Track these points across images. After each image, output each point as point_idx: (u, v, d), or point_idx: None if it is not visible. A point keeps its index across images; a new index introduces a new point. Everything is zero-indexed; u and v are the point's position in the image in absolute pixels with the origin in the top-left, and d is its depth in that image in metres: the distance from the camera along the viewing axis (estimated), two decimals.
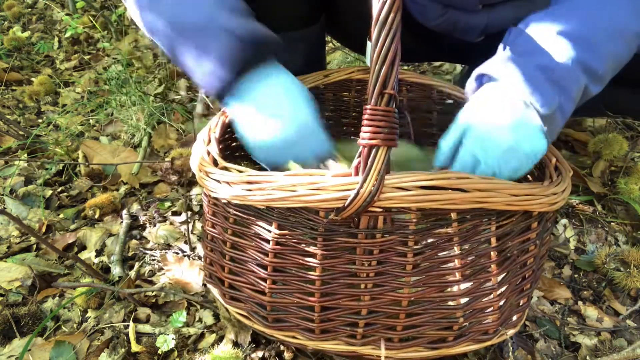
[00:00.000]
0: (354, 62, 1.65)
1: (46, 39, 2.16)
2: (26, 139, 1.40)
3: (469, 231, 0.62)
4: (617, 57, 0.69)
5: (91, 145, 1.37)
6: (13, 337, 0.90)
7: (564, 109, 0.66)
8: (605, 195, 1.14)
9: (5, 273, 1.01)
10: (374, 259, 0.62)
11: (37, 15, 2.39)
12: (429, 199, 0.57)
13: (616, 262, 0.94)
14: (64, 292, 0.98)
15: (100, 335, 0.89)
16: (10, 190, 1.27)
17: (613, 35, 0.67)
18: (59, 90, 1.76)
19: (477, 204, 0.59)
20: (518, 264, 0.68)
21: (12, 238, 1.13)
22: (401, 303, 0.64)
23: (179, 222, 1.12)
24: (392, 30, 0.51)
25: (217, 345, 0.82)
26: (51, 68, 1.96)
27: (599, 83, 0.69)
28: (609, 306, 0.92)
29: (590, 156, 1.22)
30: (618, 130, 1.30)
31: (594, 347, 0.83)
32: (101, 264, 1.03)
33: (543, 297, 0.92)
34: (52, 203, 1.23)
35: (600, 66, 0.66)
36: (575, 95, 0.66)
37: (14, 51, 2.01)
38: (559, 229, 1.07)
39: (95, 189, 1.27)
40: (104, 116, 1.52)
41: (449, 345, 0.67)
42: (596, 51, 0.66)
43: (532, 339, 0.84)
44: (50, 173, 1.32)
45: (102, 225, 1.14)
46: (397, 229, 0.61)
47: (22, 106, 1.70)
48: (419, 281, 0.64)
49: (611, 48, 0.67)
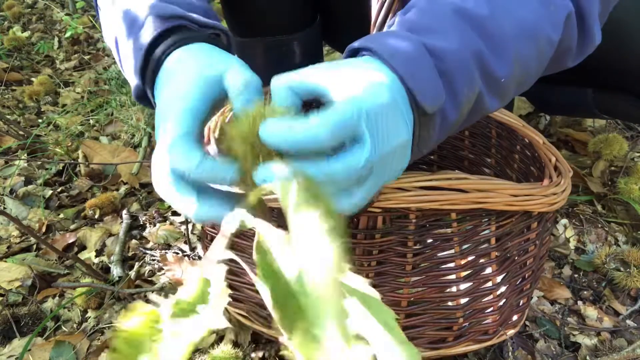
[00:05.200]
0: None
1: (46, 39, 2.15)
2: (26, 139, 1.40)
3: (468, 231, 0.62)
4: (524, 63, 0.50)
5: (91, 145, 1.37)
6: (13, 337, 0.90)
7: (447, 114, 0.46)
8: (605, 195, 1.14)
9: (5, 273, 1.01)
10: (373, 259, 0.62)
11: (37, 15, 2.39)
12: (429, 199, 0.57)
13: (616, 262, 0.94)
14: (64, 292, 0.98)
15: (100, 335, 0.89)
16: (10, 190, 1.27)
17: (522, 34, 0.49)
18: (59, 90, 1.76)
19: (477, 204, 0.59)
20: (518, 264, 0.68)
21: (12, 238, 1.13)
22: (401, 303, 0.64)
23: (179, 222, 1.12)
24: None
25: (217, 345, 0.82)
26: (51, 68, 1.96)
27: (496, 95, 0.50)
28: (609, 306, 0.92)
29: (590, 156, 1.22)
30: (618, 130, 1.30)
31: (594, 347, 0.83)
32: (101, 264, 1.03)
33: (543, 297, 0.92)
34: (52, 203, 1.23)
35: (501, 69, 0.48)
36: (464, 100, 0.47)
37: (14, 51, 2.01)
38: (559, 229, 1.07)
39: (95, 189, 1.27)
40: (104, 116, 1.52)
41: (449, 346, 0.67)
42: (498, 47, 0.48)
43: (532, 339, 0.84)
44: (50, 173, 1.32)
45: (102, 225, 1.14)
46: (396, 229, 0.61)
47: (22, 106, 1.70)
48: (418, 281, 0.64)
49: (518, 48, 0.49)
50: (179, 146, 0.41)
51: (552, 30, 0.51)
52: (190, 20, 0.52)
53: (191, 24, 0.52)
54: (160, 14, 0.52)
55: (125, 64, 0.55)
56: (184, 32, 0.51)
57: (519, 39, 0.49)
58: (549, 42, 0.52)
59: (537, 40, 0.51)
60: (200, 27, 0.53)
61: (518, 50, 0.49)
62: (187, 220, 1.07)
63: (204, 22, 0.53)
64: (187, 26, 0.52)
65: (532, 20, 0.50)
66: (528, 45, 0.50)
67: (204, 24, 0.53)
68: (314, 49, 1.09)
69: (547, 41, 0.51)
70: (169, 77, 0.48)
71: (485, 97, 0.49)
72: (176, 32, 0.51)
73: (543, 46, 0.51)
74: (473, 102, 0.49)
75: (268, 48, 1.01)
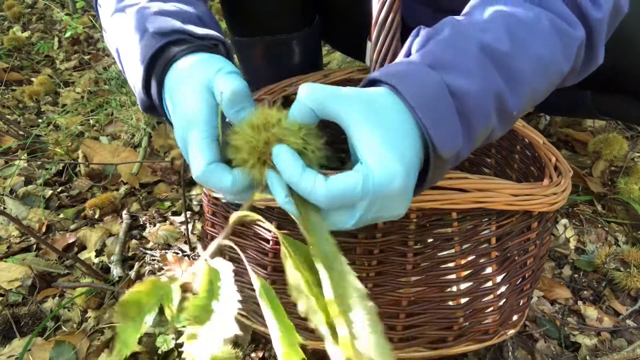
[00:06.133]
0: (353, 62, 1.65)
1: (46, 39, 2.16)
2: (26, 139, 1.40)
3: (468, 231, 0.62)
4: (534, 95, 0.51)
5: (91, 145, 1.37)
6: (13, 337, 0.90)
7: (461, 154, 0.46)
8: (605, 195, 1.14)
9: (5, 273, 1.01)
10: (374, 259, 0.62)
11: (37, 15, 2.39)
12: (429, 198, 0.57)
13: (616, 262, 0.94)
14: (64, 292, 0.98)
15: (100, 335, 0.88)
16: (10, 190, 1.27)
17: (539, 71, 0.49)
18: (59, 90, 1.76)
19: (477, 204, 0.59)
20: (518, 264, 0.68)
21: (12, 238, 1.13)
22: (401, 303, 0.64)
23: (179, 222, 1.12)
24: (392, 30, 0.51)
25: None
26: (51, 68, 1.96)
27: (506, 127, 0.51)
28: (609, 306, 0.92)
29: (590, 156, 1.22)
30: (618, 130, 1.30)
31: (594, 347, 0.83)
32: (101, 264, 1.03)
33: (543, 297, 0.92)
34: (52, 203, 1.23)
35: (515, 105, 0.48)
36: (478, 139, 0.47)
37: (14, 51, 2.01)
38: (559, 229, 1.07)
39: (95, 189, 1.27)
40: (104, 116, 1.52)
41: (449, 345, 0.67)
42: (516, 85, 0.47)
43: (532, 339, 0.84)
44: (50, 173, 1.32)
45: (102, 225, 1.14)
46: (396, 229, 0.61)
47: (22, 106, 1.70)
48: (419, 281, 0.64)
49: (533, 84, 0.49)
50: (211, 175, 0.46)
51: (564, 63, 0.51)
52: (187, 33, 0.54)
53: (188, 36, 0.54)
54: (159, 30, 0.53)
55: (128, 76, 0.57)
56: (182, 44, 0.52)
57: (534, 75, 0.49)
58: (559, 74, 0.52)
59: (550, 74, 0.51)
60: (197, 39, 0.54)
61: (532, 86, 0.49)
62: (187, 220, 1.07)
63: (200, 35, 0.54)
64: (186, 39, 0.53)
65: (549, 56, 0.50)
66: (541, 80, 0.50)
67: (200, 35, 0.54)
68: (313, 48, 1.09)
69: (559, 73, 0.52)
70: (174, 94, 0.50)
71: (496, 130, 0.49)
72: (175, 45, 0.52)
73: (554, 78, 0.52)
74: (486, 138, 0.49)
75: (267, 47, 1.01)
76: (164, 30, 0.53)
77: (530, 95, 0.50)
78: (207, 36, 0.55)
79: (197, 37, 0.54)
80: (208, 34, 0.55)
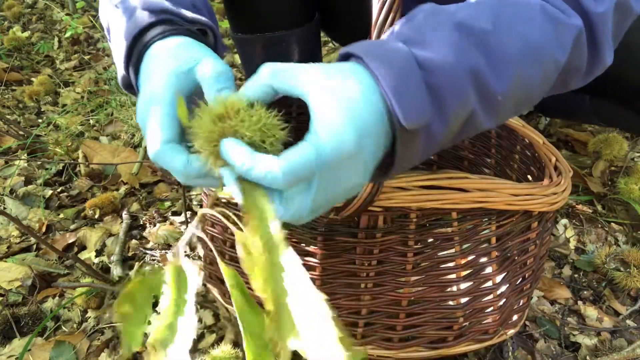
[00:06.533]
0: None
1: (46, 39, 2.16)
2: (26, 139, 1.40)
3: (469, 231, 0.62)
4: (526, 83, 0.48)
5: (91, 145, 1.37)
6: (13, 337, 0.90)
7: (433, 131, 0.44)
8: (605, 195, 1.14)
9: (5, 273, 1.01)
10: (374, 259, 0.62)
11: (37, 15, 2.39)
12: (429, 198, 0.57)
13: (616, 262, 0.94)
14: (64, 292, 0.98)
15: (100, 335, 0.88)
16: (10, 190, 1.27)
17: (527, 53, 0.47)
18: (59, 90, 1.76)
19: (477, 204, 0.59)
20: (518, 264, 0.68)
21: (12, 238, 1.13)
22: (401, 303, 0.64)
23: (179, 222, 1.12)
24: None
25: (217, 345, 0.82)
26: (51, 68, 1.96)
27: (491, 113, 0.47)
28: (609, 306, 0.92)
29: (590, 156, 1.22)
30: (618, 131, 1.30)
31: (594, 347, 0.83)
32: (101, 264, 1.03)
33: (543, 297, 0.92)
34: (52, 203, 1.23)
35: (499, 88, 0.45)
36: (452, 117, 0.44)
37: (14, 51, 2.01)
38: (559, 229, 1.07)
39: (95, 189, 1.27)
40: (104, 116, 1.52)
41: (449, 345, 0.67)
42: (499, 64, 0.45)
43: (532, 339, 0.84)
44: (50, 173, 1.32)
45: (102, 225, 1.14)
46: (397, 229, 0.61)
47: (22, 106, 1.70)
48: (419, 281, 0.64)
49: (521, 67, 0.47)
50: (164, 155, 0.45)
51: (558, 50, 0.49)
52: (177, 15, 0.54)
53: (177, 18, 0.54)
54: (149, 7, 0.54)
55: (114, 51, 0.58)
56: (168, 25, 0.53)
57: (522, 58, 0.47)
58: (554, 63, 0.49)
59: (542, 60, 0.48)
60: (186, 22, 0.55)
61: (520, 70, 0.47)
62: (187, 220, 1.07)
63: (190, 18, 0.55)
64: (173, 20, 0.54)
65: (537, 40, 0.48)
66: (531, 65, 0.48)
67: (190, 19, 0.55)
68: (312, 45, 1.10)
69: (553, 62, 0.49)
70: (145, 73, 0.50)
71: (479, 115, 0.46)
72: (161, 24, 0.53)
73: (548, 67, 0.49)
74: (465, 119, 0.46)
75: (267, 44, 1.02)
76: (154, 8, 0.53)
77: (519, 81, 0.47)
78: (195, 20, 0.55)
79: (186, 21, 0.55)
80: (197, 18, 0.56)
